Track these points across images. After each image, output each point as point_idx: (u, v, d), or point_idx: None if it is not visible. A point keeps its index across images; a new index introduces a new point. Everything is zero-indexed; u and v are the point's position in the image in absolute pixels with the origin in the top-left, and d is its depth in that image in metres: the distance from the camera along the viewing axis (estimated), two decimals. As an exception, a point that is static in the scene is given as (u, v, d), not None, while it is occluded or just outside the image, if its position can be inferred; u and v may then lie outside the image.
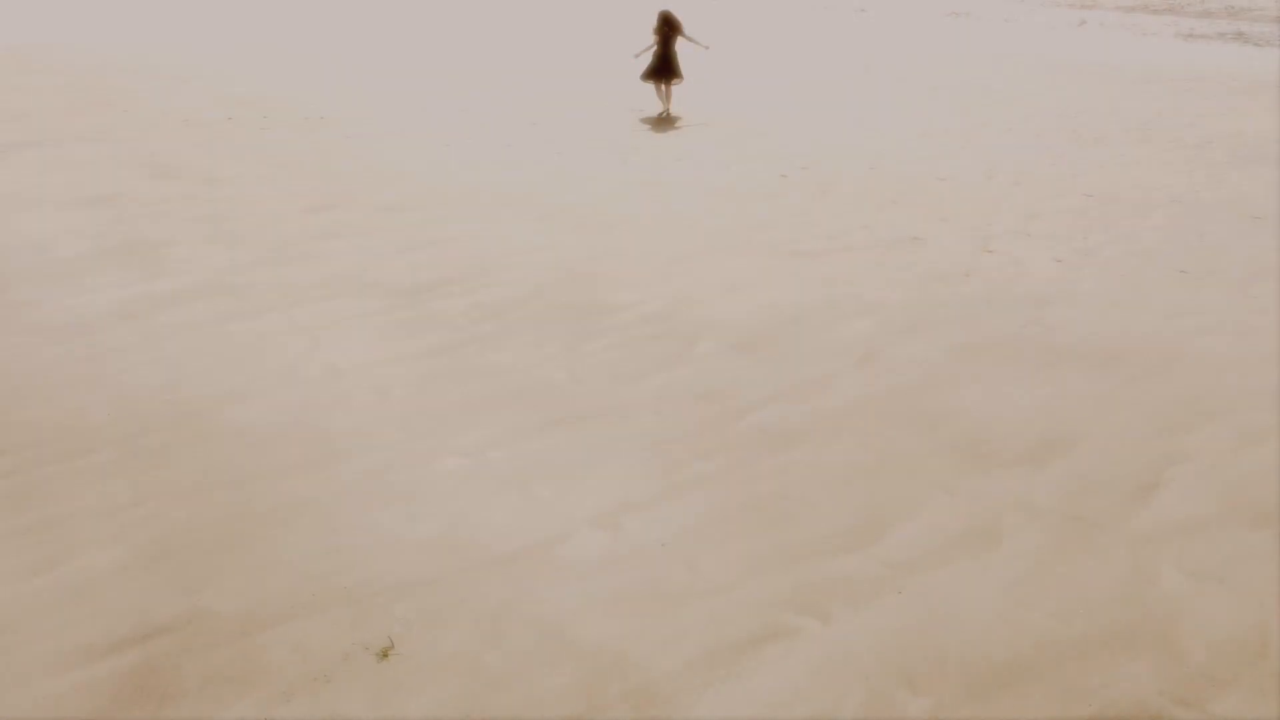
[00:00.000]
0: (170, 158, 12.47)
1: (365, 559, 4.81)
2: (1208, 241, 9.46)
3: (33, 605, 4.46)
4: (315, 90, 17.25)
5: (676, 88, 15.57)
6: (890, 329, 7.50)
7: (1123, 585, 4.63)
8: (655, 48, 15.22)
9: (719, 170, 12.17)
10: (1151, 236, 9.65)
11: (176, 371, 6.77)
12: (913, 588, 4.61)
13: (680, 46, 15.33)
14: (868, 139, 13.93)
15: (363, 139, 13.61)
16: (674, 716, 3.88)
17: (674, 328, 7.52)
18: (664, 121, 15.06)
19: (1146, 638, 4.30)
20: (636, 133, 14.30)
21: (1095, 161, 12.64)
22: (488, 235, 9.59)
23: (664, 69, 15.19)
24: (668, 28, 15.05)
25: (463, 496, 5.34)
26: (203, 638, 4.28)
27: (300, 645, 4.23)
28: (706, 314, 7.77)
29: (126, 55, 20.94)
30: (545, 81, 18.59)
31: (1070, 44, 24.44)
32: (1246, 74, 19.96)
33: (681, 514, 5.18)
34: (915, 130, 14.55)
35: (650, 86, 15.82)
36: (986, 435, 5.95)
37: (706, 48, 15.80)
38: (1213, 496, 5.33)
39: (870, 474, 5.54)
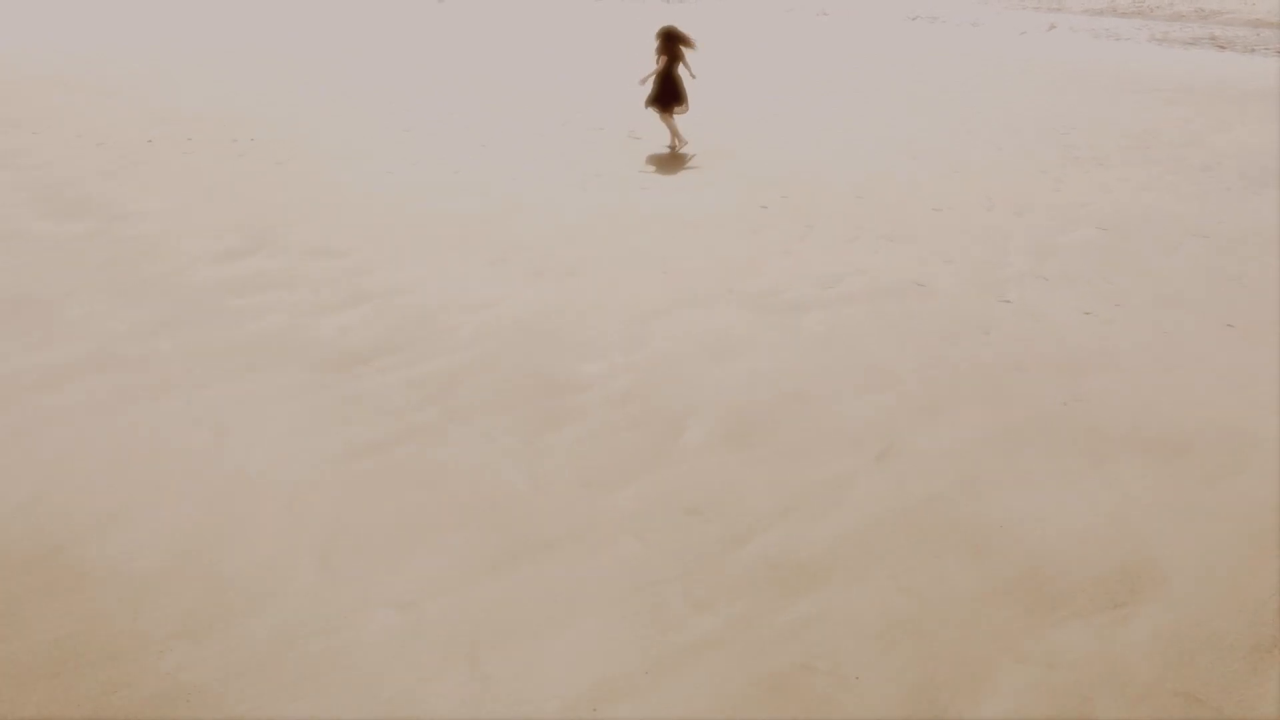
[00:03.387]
0: (78, 189, 11.08)
1: (260, 793, 3.57)
2: (1247, 286, 8.42)
3: None
4: (251, 105, 15.85)
5: (679, 117, 13.22)
6: (908, 408, 6.35)
7: (1272, 812, 3.49)
8: (657, 68, 12.67)
9: (690, 198, 10.98)
10: (1181, 279, 8.59)
11: (45, 482, 5.48)
12: (997, 823, 3.45)
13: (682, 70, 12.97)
14: (850, 160, 12.81)
15: (295, 164, 12.28)
16: None
17: (652, 409, 6.32)
18: (627, 143, 13.83)
19: None
20: (598, 155, 13.07)
21: (1098, 185, 11.60)
22: (431, 285, 8.34)
23: (667, 93, 12.78)
24: (671, 45, 12.53)
25: (394, 675, 4.11)
26: None
27: None
28: (689, 390, 6.58)
29: (60, 65, 19.39)
30: (499, 96, 17.31)
31: (1044, 49, 23.55)
32: (1231, 82, 19.12)
33: (680, 701, 3.98)
34: (900, 149, 13.45)
35: (645, 115, 14.15)
36: (1050, 566, 4.81)
37: (693, 77, 13.29)
38: (1352, 659, 4.22)
39: (916, 629, 4.37)
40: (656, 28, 13.65)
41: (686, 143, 13.26)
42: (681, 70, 12.94)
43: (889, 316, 7.78)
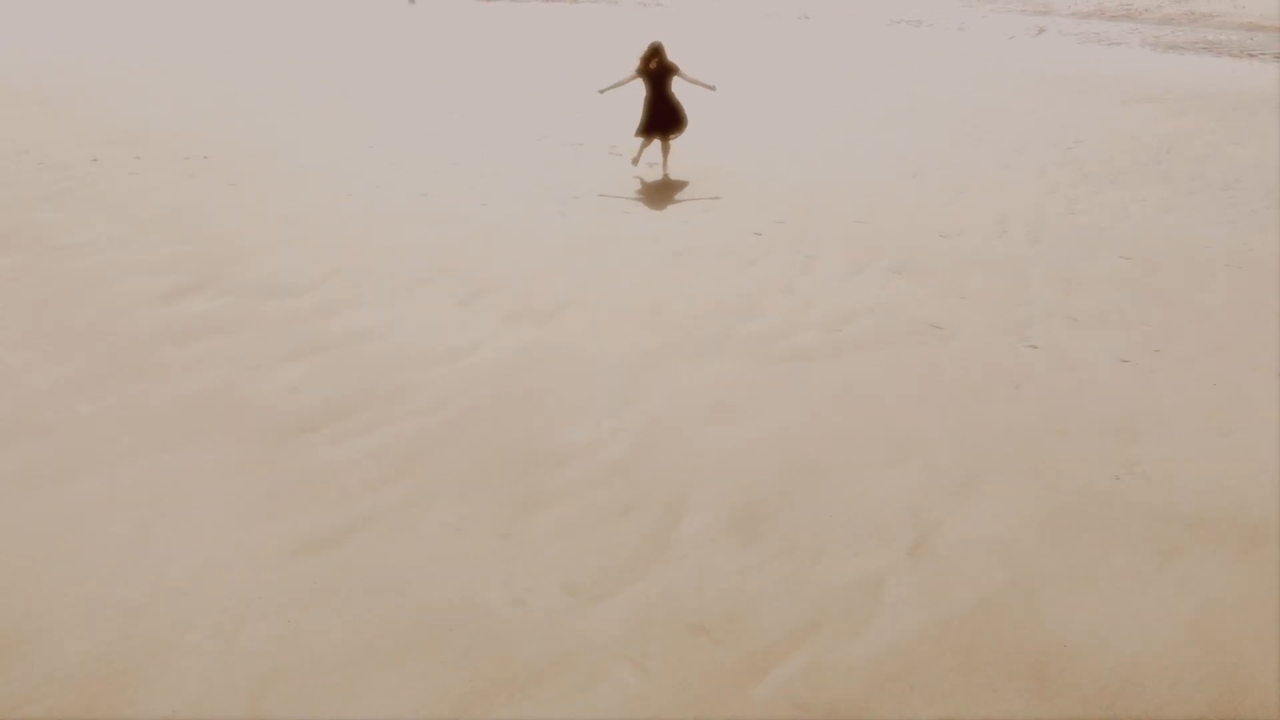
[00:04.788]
0: (11, 216, 10.15)
1: None
2: (1295, 325, 7.66)
3: None
4: (205, 116, 14.92)
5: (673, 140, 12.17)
6: (940, 484, 5.53)
7: None
8: (646, 93, 11.67)
9: (677, 223, 10.16)
10: (1222, 318, 7.83)
11: (-74, 594, 4.59)
12: None
13: (677, 87, 12.12)
14: (845, 176, 12.01)
15: (249, 185, 11.38)
16: None
17: (646, 490, 5.49)
18: (607, 159, 12.98)
19: None
20: (577, 173, 12.23)
21: (1118, 208, 10.84)
22: (394, 331, 7.48)
23: (666, 119, 11.71)
24: (662, 70, 11.49)
25: None
26: None
27: None
28: (687, 462, 5.75)
29: (12, 73, 18.40)
30: (470, 105, 16.43)
31: (1035, 54, 22.85)
32: (1234, 89, 18.46)
33: None
34: (898, 163, 12.67)
35: (627, 140, 13.20)
36: (1129, 699, 4.01)
37: (712, 88, 11.94)
38: None
39: (981, 803, 3.56)
40: (636, 34, 12.79)
41: (666, 173, 12.22)
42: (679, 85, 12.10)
43: (907, 366, 6.98)
